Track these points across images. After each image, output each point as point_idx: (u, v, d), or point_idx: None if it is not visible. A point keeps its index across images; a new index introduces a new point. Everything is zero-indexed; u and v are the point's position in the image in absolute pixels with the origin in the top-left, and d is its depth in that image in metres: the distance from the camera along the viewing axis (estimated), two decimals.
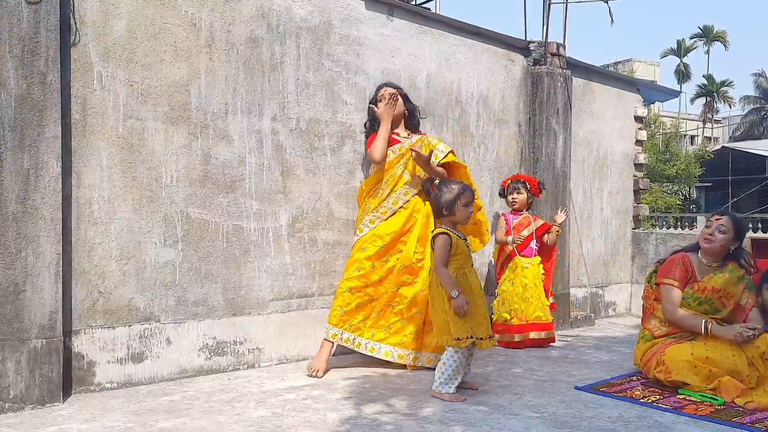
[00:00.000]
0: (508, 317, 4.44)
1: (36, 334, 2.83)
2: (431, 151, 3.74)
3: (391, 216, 3.73)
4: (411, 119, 4.00)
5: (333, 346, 3.63)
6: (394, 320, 3.67)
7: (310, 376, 3.47)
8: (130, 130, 3.24)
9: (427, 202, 3.78)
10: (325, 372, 3.53)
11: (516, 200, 4.67)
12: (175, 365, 3.38)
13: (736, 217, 3.56)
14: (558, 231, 4.77)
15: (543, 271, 4.62)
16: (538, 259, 4.63)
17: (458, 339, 3.06)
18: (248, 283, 3.65)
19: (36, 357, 2.82)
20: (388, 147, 3.81)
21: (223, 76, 3.54)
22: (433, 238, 3.21)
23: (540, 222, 4.73)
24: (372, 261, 3.65)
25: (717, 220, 3.51)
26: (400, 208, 3.74)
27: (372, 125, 3.94)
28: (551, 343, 4.55)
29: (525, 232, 4.61)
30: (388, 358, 3.64)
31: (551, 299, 4.70)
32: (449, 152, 3.78)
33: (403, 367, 3.67)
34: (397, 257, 3.69)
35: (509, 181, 4.76)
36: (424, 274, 3.64)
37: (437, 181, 3.35)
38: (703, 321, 3.36)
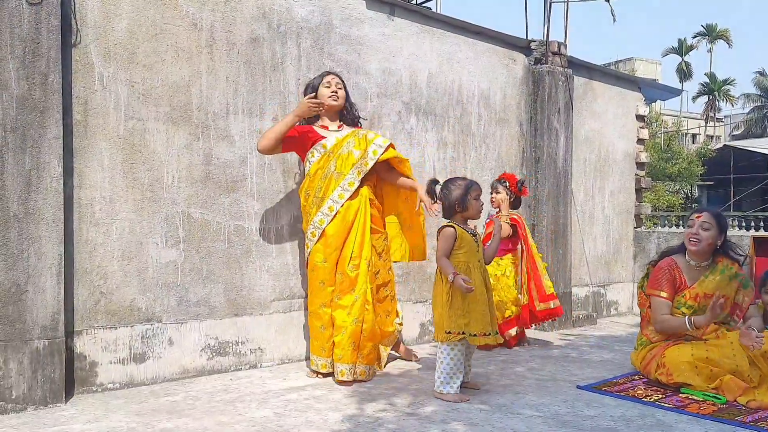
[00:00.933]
0: None
1: (38, 334, 2.83)
2: (366, 148, 3.48)
3: (329, 224, 3.41)
4: (346, 114, 3.65)
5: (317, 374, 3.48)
6: (338, 336, 3.38)
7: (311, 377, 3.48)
8: (132, 130, 3.24)
9: (369, 207, 3.51)
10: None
11: (493, 199, 4.58)
12: (177, 365, 3.39)
13: (716, 212, 3.51)
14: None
15: (506, 272, 4.38)
16: (496, 260, 4.36)
17: (449, 333, 3.03)
18: (250, 283, 3.65)
19: (38, 358, 2.83)
20: (284, 140, 3.45)
21: (224, 77, 3.54)
22: (439, 230, 3.19)
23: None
24: (323, 281, 3.43)
25: (698, 218, 3.44)
26: (336, 213, 3.41)
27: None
28: (521, 341, 4.45)
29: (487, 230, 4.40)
30: (341, 377, 3.33)
31: (552, 303, 4.51)
32: (389, 146, 3.54)
33: (347, 383, 3.33)
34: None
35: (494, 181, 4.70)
36: (360, 278, 3.40)
37: (443, 181, 3.30)
38: (686, 318, 3.32)
